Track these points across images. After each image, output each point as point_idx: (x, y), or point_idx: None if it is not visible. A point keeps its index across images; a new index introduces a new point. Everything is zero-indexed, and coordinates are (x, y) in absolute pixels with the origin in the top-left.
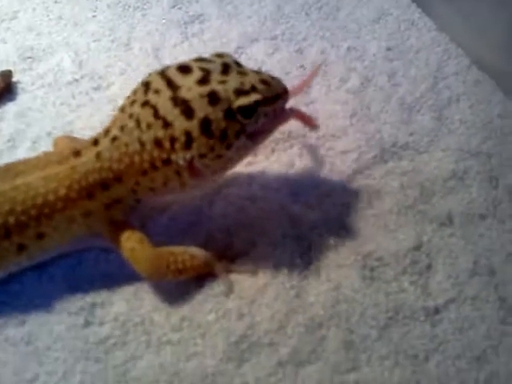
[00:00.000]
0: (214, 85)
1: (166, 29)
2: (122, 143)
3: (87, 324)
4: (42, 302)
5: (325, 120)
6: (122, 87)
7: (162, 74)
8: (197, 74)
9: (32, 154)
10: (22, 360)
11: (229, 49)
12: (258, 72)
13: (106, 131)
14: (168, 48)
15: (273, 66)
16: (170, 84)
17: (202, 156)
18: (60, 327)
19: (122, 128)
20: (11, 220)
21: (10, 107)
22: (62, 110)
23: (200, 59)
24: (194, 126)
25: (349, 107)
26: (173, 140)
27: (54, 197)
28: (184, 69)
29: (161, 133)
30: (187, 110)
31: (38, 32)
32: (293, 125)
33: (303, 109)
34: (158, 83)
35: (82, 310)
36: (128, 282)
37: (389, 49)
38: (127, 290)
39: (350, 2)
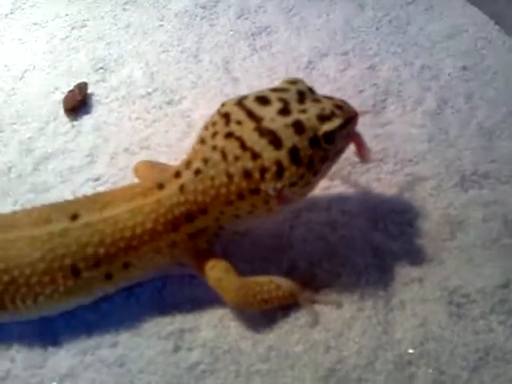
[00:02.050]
0: (297, 114)
1: (235, 40)
2: (206, 176)
3: (177, 349)
4: (131, 324)
5: (401, 143)
6: (193, 101)
7: (240, 104)
8: (277, 105)
9: (111, 170)
10: (116, 381)
11: (300, 63)
12: (329, 97)
13: (188, 163)
14: (238, 61)
15: (345, 83)
16: (252, 115)
17: (292, 184)
18: (151, 351)
19: (206, 160)
20: (101, 251)
21: (87, 120)
22: (137, 125)
23: (275, 89)
24: (283, 155)
25: (426, 130)
26: (263, 171)
27: (141, 230)
28: (262, 100)
29: (250, 164)
30: (275, 140)
31: (108, 41)
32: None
33: (379, 130)
34: (239, 114)
35: (172, 334)
36: (213, 308)
37: (465, 68)
38: (213, 316)
39: (421, 16)
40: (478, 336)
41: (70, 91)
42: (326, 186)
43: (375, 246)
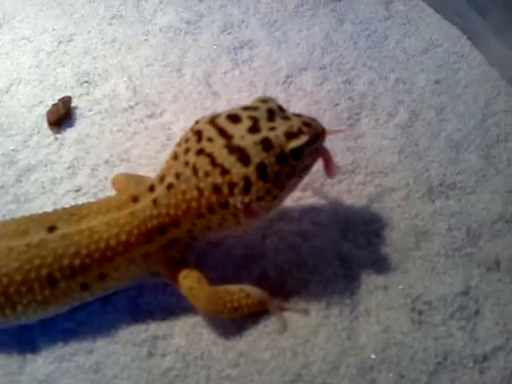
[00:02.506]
0: (265, 132)
1: (217, 55)
2: (178, 190)
3: (150, 355)
4: (107, 331)
5: (373, 155)
6: (174, 115)
7: (212, 122)
8: (247, 123)
9: (91, 182)
10: None
11: (278, 78)
12: (298, 115)
13: (162, 177)
14: (219, 75)
15: (321, 97)
16: (222, 132)
17: (259, 199)
18: (126, 357)
19: (178, 175)
20: (76, 262)
21: (70, 133)
22: (118, 138)
23: (247, 107)
24: (251, 171)
25: (397, 143)
26: (232, 185)
27: (115, 241)
28: (233, 118)
29: (219, 180)
30: (243, 157)
31: (94, 56)
32: (341, 160)
33: (351, 143)
34: (210, 132)
35: (145, 341)
36: (186, 316)
37: (437, 82)
38: (186, 324)
39: (398, 31)
40: (437, 341)
41: (54, 105)
42: (299, 197)
43: (343, 255)
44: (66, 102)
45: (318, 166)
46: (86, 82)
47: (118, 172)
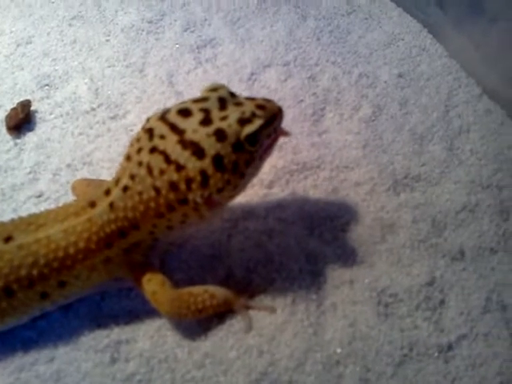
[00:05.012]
0: (218, 123)
1: (180, 54)
2: (134, 192)
3: (113, 361)
4: (69, 338)
5: (337, 151)
6: (138, 115)
7: (163, 118)
8: (198, 116)
9: (53, 187)
10: None
11: (242, 75)
12: (252, 98)
13: (117, 180)
14: (182, 74)
15: (286, 94)
16: (174, 128)
17: (219, 190)
18: (88, 364)
19: (133, 177)
20: (34, 272)
21: (30, 138)
22: (80, 141)
23: (196, 100)
24: (207, 164)
25: (361, 137)
26: (189, 181)
27: (74, 249)
28: (184, 112)
29: (175, 176)
30: (198, 151)
31: (54, 57)
32: (307, 156)
33: (315, 139)
34: (162, 129)
35: (108, 347)
36: (151, 319)
37: (400, 75)
38: (150, 327)
39: (360, 25)
40: (403, 333)
41: (13, 109)
42: (264, 194)
43: (309, 251)
44: (25, 105)
45: (284, 162)
46: (47, 84)
47: (81, 177)
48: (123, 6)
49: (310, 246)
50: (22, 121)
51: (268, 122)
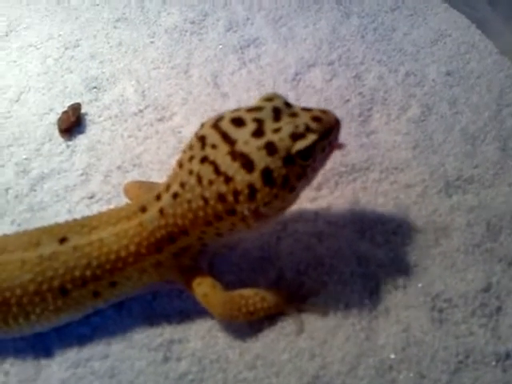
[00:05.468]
0: (270, 135)
1: (224, 54)
2: (184, 200)
3: (166, 360)
4: (122, 336)
5: (386, 152)
6: (184, 117)
7: (216, 126)
8: (251, 126)
9: (105, 188)
10: None
11: (287, 75)
12: (308, 109)
13: (167, 186)
14: (226, 75)
15: (331, 94)
16: (226, 138)
17: (266, 204)
18: (141, 362)
19: (183, 185)
20: (88, 273)
21: (81, 140)
22: (129, 143)
23: (250, 109)
24: (255, 178)
25: (410, 138)
26: (236, 193)
27: (125, 253)
28: (237, 121)
29: (223, 188)
30: (247, 164)
31: (101, 60)
32: (355, 158)
33: (364, 140)
34: (214, 138)
35: (161, 345)
36: (202, 319)
37: (448, 73)
38: (201, 327)
39: (405, 22)
40: (458, 340)
41: (64, 112)
42: (313, 197)
43: (360, 254)
44: (75, 109)
45: (332, 163)
46: (95, 87)
47: (131, 178)
48: (165, 7)
49: (361, 249)
50: (73, 124)
51: (323, 136)
